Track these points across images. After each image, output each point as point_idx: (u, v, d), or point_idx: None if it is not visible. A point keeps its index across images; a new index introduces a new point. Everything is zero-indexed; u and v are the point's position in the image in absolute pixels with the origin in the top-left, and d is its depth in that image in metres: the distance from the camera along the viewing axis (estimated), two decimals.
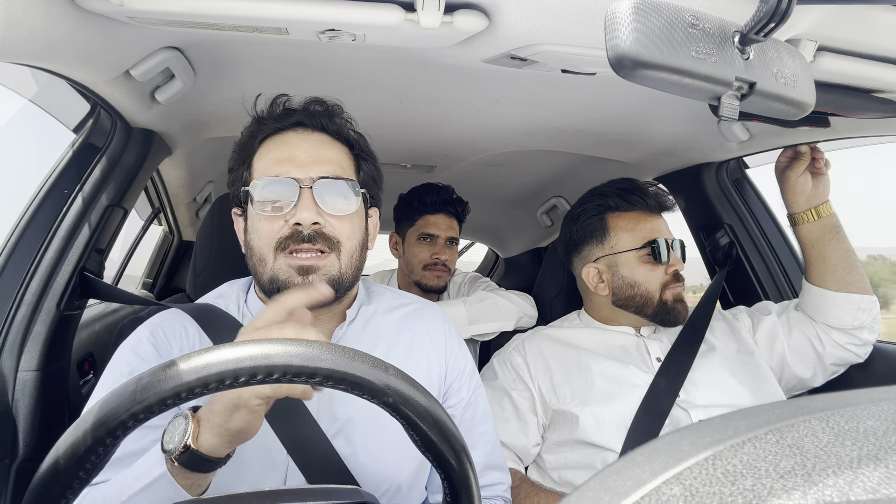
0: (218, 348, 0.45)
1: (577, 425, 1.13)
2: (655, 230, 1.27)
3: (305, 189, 0.82)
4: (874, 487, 0.23)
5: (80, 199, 1.17)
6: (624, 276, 1.26)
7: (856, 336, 1.22)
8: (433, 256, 1.79)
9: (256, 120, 0.90)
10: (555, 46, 0.85)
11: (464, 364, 0.97)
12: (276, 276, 0.82)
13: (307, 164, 0.84)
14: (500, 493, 0.95)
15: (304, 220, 0.80)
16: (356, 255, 0.87)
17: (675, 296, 1.25)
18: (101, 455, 0.43)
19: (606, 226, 1.30)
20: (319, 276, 0.82)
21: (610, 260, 1.29)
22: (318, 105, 0.90)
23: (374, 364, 0.47)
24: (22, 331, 1.07)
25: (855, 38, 0.82)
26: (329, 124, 0.89)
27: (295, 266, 0.81)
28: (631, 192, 1.30)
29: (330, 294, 0.75)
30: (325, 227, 0.83)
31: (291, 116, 0.88)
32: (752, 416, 0.30)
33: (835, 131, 1.15)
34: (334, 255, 0.83)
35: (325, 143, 0.88)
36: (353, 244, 0.86)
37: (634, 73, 0.49)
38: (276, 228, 0.82)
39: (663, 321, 1.25)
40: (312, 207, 0.81)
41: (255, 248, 0.85)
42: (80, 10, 0.77)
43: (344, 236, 0.84)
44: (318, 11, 0.77)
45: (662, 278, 1.24)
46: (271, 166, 0.85)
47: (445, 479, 0.51)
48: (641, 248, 1.25)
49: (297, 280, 0.81)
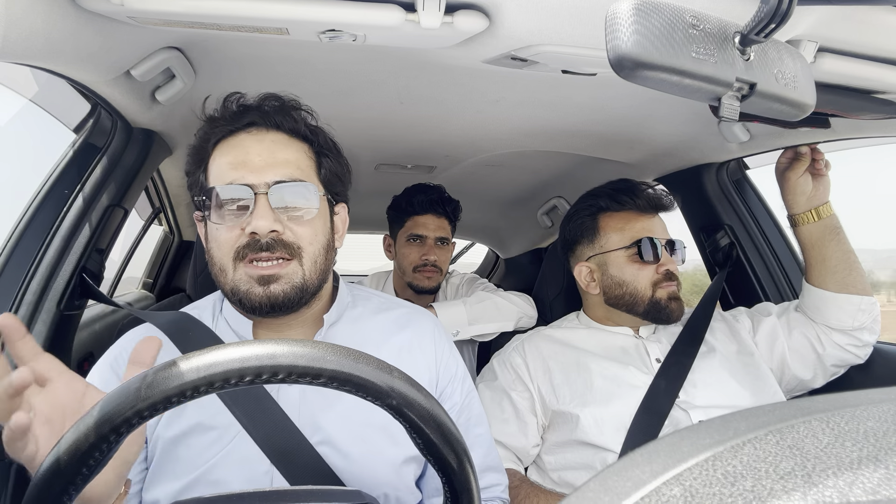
0: (224, 347, 0.46)
1: (577, 426, 1.13)
2: (646, 230, 1.28)
3: (261, 195, 0.78)
4: (874, 488, 0.23)
5: (81, 199, 1.17)
6: (613, 276, 1.28)
7: (856, 337, 1.22)
8: (422, 257, 1.78)
9: (209, 120, 0.86)
10: (555, 47, 0.85)
11: (455, 368, 0.95)
12: (237, 287, 0.80)
13: (262, 169, 0.80)
14: (497, 495, 0.95)
15: (260, 229, 0.77)
16: (320, 259, 0.84)
17: (668, 294, 1.25)
18: (104, 452, 0.44)
19: (597, 226, 1.32)
20: (280, 285, 0.79)
21: (600, 259, 1.31)
22: (274, 101, 0.86)
23: (379, 366, 0.47)
24: None
25: (855, 38, 0.82)
26: (284, 122, 0.85)
27: (255, 276, 0.79)
28: (622, 193, 1.31)
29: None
30: (285, 234, 0.79)
31: (244, 116, 0.84)
32: (752, 417, 0.30)
33: (835, 132, 1.15)
34: (296, 262, 0.80)
35: (281, 143, 0.84)
36: (316, 248, 0.83)
37: (635, 73, 0.49)
38: (233, 237, 0.79)
39: (657, 319, 1.26)
40: (269, 214, 0.78)
41: (216, 257, 0.82)
42: (80, 9, 0.77)
43: (305, 241, 0.81)
44: (319, 12, 0.77)
45: (653, 277, 1.25)
46: (226, 172, 0.81)
47: (447, 483, 0.50)
48: (629, 248, 1.27)
49: (258, 291, 0.79)
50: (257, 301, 0.79)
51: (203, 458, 0.78)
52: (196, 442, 0.79)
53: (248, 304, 0.80)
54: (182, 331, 0.85)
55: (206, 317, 0.89)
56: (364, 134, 1.53)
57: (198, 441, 0.79)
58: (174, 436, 0.79)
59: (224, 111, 0.86)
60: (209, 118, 0.87)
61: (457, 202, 1.87)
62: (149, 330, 0.87)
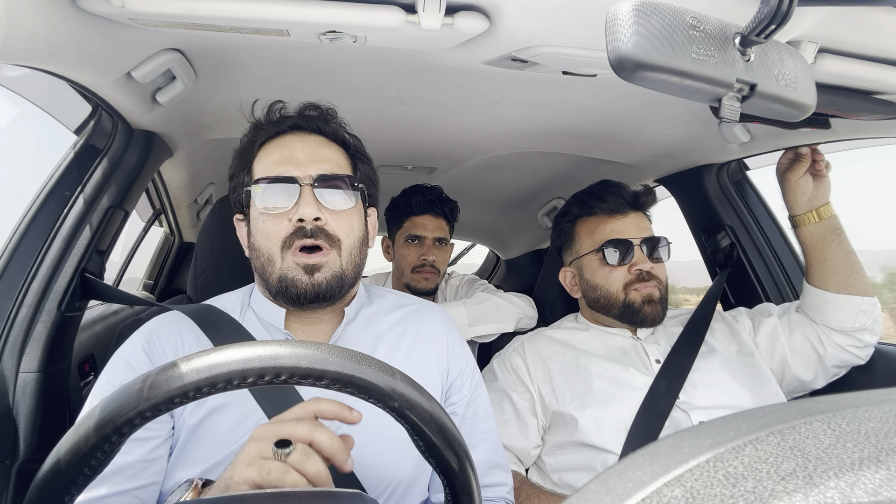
0: (226, 348, 0.45)
1: (577, 427, 1.13)
2: (616, 231, 1.27)
3: (306, 187, 0.85)
4: (875, 489, 0.23)
5: (82, 201, 1.17)
6: (587, 279, 1.31)
7: (857, 338, 1.21)
8: (420, 258, 1.79)
9: (254, 126, 0.93)
10: (555, 48, 0.86)
11: (465, 362, 0.98)
12: (285, 275, 0.84)
13: (306, 164, 0.86)
14: (502, 495, 0.95)
15: (306, 216, 0.83)
16: (356, 252, 0.89)
17: (643, 297, 1.23)
18: (106, 452, 0.44)
19: (574, 231, 1.36)
20: (323, 273, 0.84)
21: (577, 264, 1.35)
22: (313, 110, 0.93)
23: (381, 368, 0.47)
24: (23, 332, 1.07)
25: (856, 39, 0.82)
26: (324, 127, 0.92)
27: (301, 264, 0.84)
28: (591, 196, 1.33)
29: (358, 419, 0.64)
30: (327, 224, 0.85)
31: (288, 121, 0.91)
32: (753, 417, 0.30)
33: (835, 133, 1.15)
34: (335, 252, 0.85)
35: (322, 143, 0.91)
36: (353, 241, 0.88)
37: (635, 74, 0.49)
38: (281, 228, 0.85)
39: (632, 322, 1.25)
40: (314, 204, 0.84)
41: (263, 248, 0.86)
42: (81, 11, 0.77)
43: (343, 233, 0.86)
44: (319, 13, 0.77)
45: (624, 278, 1.24)
46: (271, 167, 0.87)
47: (448, 485, 0.50)
48: (597, 251, 1.28)
49: (304, 279, 0.83)
50: (303, 288, 0.84)
51: (226, 443, 0.79)
52: (219, 426, 0.80)
53: (295, 292, 0.84)
54: (208, 319, 0.88)
55: (234, 309, 0.92)
56: (364, 135, 1.52)
57: (221, 425, 0.80)
58: (198, 421, 0.80)
59: (268, 116, 0.93)
60: (255, 123, 0.93)
61: (455, 202, 1.87)
62: (177, 316, 0.89)
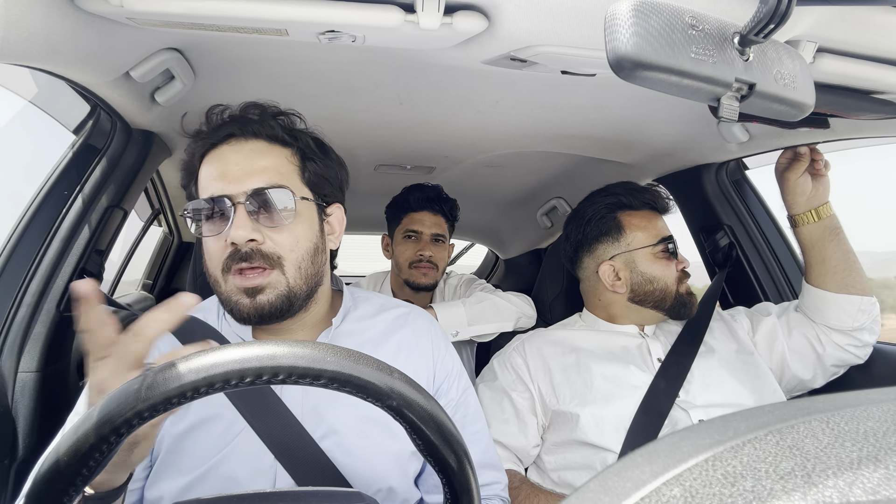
0: (224, 348, 0.45)
1: (577, 426, 1.13)
2: (665, 229, 1.33)
3: (238, 205, 0.79)
4: (874, 489, 0.23)
5: (80, 201, 1.17)
6: (643, 272, 1.29)
7: (856, 337, 1.22)
8: (418, 253, 1.80)
9: (194, 136, 0.88)
10: (554, 48, 0.86)
11: (451, 365, 0.96)
12: (229, 298, 0.81)
13: (239, 178, 0.81)
14: (497, 493, 0.95)
15: (237, 239, 0.78)
16: (305, 265, 0.83)
17: (687, 289, 1.30)
18: (104, 453, 0.44)
19: (621, 224, 1.32)
20: (266, 295, 0.80)
21: (627, 257, 1.31)
22: (254, 109, 0.87)
23: (379, 367, 0.47)
24: (22, 332, 1.07)
25: (854, 39, 0.82)
26: (262, 130, 0.85)
27: (242, 287, 0.80)
28: (641, 192, 1.35)
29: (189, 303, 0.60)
30: (265, 244, 0.80)
31: (223, 129, 0.85)
32: (752, 417, 0.30)
33: (834, 132, 1.15)
34: (278, 272, 0.81)
35: (260, 150, 0.84)
36: (299, 254, 0.83)
37: (634, 74, 0.49)
38: (220, 249, 0.81)
39: (679, 314, 1.29)
40: (246, 224, 0.78)
41: (209, 270, 0.84)
42: (79, 11, 0.77)
43: (285, 249, 0.81)
44: (318, 12, 0.77)
45: (676, 273, 1.29)
46: (208, 184, 0.83)
47: (447, 484, 0.50)
48: (657, 245, 1.29)
49: (245, 302, 0.80)
50: (246, 312, 0.81)
51: (209, 454, 0.78)
52: (202, 437, 0.79)
53: (239, 315, 0.82)
54: (187, 332, 0.86)
55: (210, 318, 0.91)
56: (363, 135, 1.54)
57: (204, 436, 0.79)
58: (180, 432, 0.79)
59: (207, 124, 0.87)
60: (194, 132, 0.88)
61: (454, 201, 1.88)
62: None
